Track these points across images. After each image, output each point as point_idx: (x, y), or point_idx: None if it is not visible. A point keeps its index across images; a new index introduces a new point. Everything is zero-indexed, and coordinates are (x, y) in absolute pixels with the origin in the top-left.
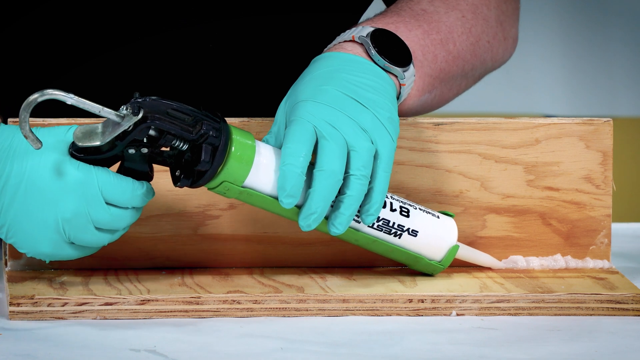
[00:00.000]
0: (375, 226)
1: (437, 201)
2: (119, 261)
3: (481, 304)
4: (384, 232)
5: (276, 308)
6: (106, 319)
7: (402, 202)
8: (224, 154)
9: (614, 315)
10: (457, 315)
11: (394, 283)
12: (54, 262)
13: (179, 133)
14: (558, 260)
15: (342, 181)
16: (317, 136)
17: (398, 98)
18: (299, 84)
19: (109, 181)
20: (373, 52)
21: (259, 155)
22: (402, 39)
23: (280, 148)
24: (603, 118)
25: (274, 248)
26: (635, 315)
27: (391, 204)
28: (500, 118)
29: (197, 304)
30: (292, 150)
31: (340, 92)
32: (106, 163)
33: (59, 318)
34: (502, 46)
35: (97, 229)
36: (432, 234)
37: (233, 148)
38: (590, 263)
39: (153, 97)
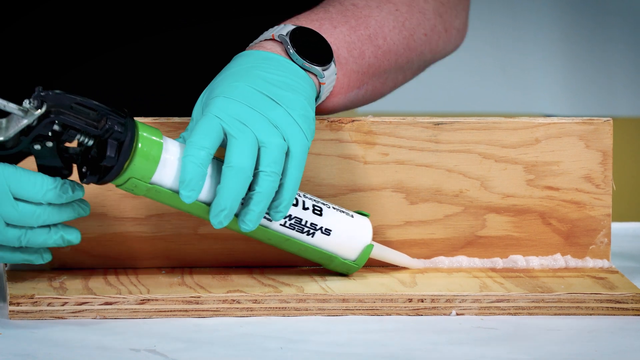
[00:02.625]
0: (287, 224)
1: (437, 201)
2: (119, 261)
3: (481, 303)
4: (296, 230)
5: (276, 308)
6: (106, 318)
7: (315, 200)
8: (129, 150)
9: (614, 315)
10: (457, 315)
11: (394, 283)
12: (54, 262)
13: (83, 128)
14: (558, 260)
15: (253, 178)
16: (226, 133)
17: (318, 96)
18: (214, 81)
19: (16, 176)
20: (291, 51)
21: (166, 151)
22: (326, 36)
23: None
24: (603, 118)
25: (274, 248)
26: (635, 315)
27: (304, 202)
28: (500, 118)
29: (197, 303)
30: (194, 143)
31: (251, 88)
32: (13, 160)
33: (59, 318)
34: (442, 38)
35: (8, 225)
36: (346, 233)
37: (140, 144)
38: (590, 263)
39: (57, 91)
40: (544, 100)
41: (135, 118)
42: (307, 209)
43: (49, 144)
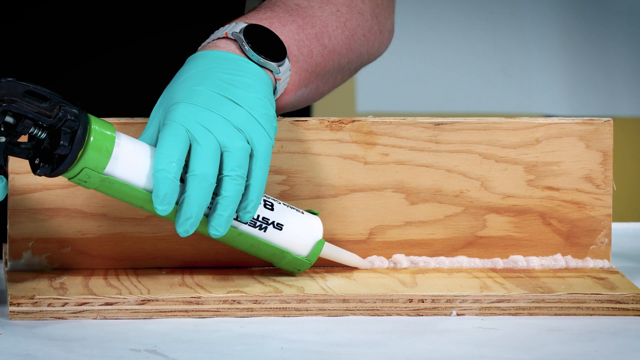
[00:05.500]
0: (240, 219)
1: (437, 201)
2: (119, 261)
3: (481, 304)
4: (249, 225)
5: (276, 308)
6: (106, 319)
7: (265, 196)
8: (83, 139)
9: (614, 315)
10: (457, 315)
11: (394, 283)
12: (54, 262)
13: (36, 117)
14: (558, 260)
15: (217, 183)
16: (190, 139)
17: (274, 94)
18: (172, 85)
19: None
20: (247, 47)
21: (118, 145)
22: (276, 34)
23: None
24: (603, 118)
25: None
26: (636, 315)
27: None
28: (500, 118)
29: (197, 304)
30: (165, 155)
31: (213, 92)
32: None
33: (59, 318)
34: (377, 39)
35: None
36: (297, 228)
37: (92, 135)
38: (591, 263)
39: (9, 79)
40: (544, 101)
41: (135, 118)
42: (259, 203)
43: (1, 139)
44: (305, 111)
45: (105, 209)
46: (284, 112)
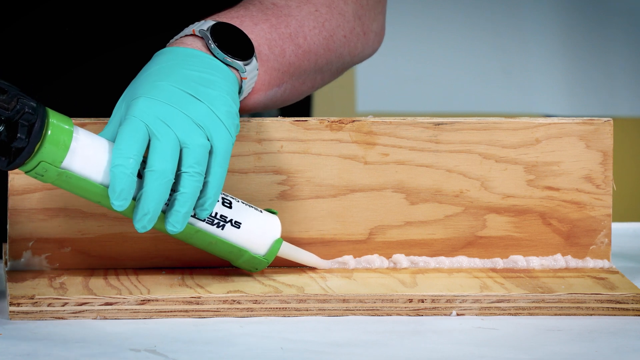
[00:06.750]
0: (197, 216)
1: (437, 201)
2: (119, 261)
3: (481, 304)
4: (206, 222)
5: (276, 308)
6: (106, 319)
7: (224, 194)
8: (41, 132)
9: (614, 315)
10: (457, 315)
11: (394, 283)
12: (54, 261)
13: None
14: (558, 260)
15: (176, 179)
16: (149, 134)
17: (240, 92)
18: (136, 80)
19: None
20: (212, 45)
21: (76, 139)
22: (247, 32)
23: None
24: (603, 118)
25: None
26: (636, 315)
27: None
28: (500, 118)
29: (197, 304)
30: (123, 151)
31: (175, 88)
32: None
33: (59, 318)
34: (361, 41)
35: None
36: (255, 227)
37: (50, 128)
38: (591, 263)
39: None
40: (544, 101)
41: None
42: (217, 201)
43: None
44: (305, 111)
45: (105, 209)
46: (255, 112)
